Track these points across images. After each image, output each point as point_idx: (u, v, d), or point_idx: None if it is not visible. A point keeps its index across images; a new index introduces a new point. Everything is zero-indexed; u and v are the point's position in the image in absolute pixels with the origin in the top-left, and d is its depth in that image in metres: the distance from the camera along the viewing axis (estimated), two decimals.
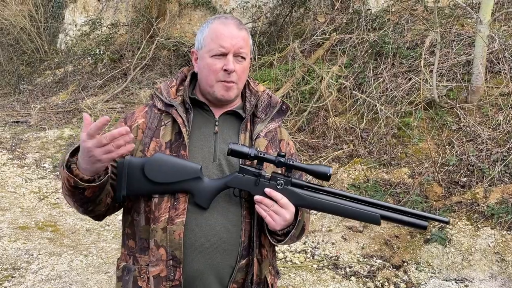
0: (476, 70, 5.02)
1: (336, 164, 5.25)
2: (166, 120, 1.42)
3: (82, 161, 1.23)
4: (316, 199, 1.35)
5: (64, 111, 8.51)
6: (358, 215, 1.35)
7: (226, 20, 1.42)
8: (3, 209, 4.93)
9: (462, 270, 3.68)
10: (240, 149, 1.32)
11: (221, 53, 1.38)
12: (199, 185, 1.33)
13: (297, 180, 1.37)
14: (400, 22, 6.68)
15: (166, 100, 1.42)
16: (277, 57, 7.16)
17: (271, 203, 1.32)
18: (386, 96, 5.66)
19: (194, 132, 1.42)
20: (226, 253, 1.37)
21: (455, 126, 4.99)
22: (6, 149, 7.00)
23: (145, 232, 1.37)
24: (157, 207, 1.35)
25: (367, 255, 4.07)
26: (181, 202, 1.35)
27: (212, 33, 1.40)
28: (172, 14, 9.72)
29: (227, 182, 1.35)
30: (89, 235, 4.51)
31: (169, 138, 1.39)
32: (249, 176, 1.35)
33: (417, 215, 1.35)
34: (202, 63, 1.42)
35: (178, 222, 1.33)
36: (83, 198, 1.30)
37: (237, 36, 1.39)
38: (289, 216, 1.33)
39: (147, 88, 8.50)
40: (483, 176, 4.33)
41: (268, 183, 1.34)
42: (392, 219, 1.36)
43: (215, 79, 1.40)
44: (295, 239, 1.40)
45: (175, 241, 1.32)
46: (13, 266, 3.72)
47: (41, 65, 11.08)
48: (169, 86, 1.46)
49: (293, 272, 3.87)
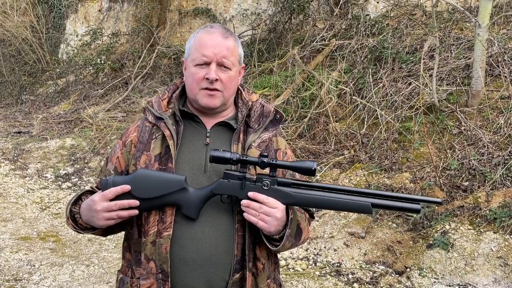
0: (476, 73, 5.02)
1: (337, 170, 5.24)
2: (157, 133, 1.42)
3: (85, 215, 1.36)
4: (305, 195, 1.33)
5: (65, 121, 8.54)
6: (349, 206, 1.33)
7: (211, 29, 1.41)
8: (5, 220, 4.93)
9: (465, 275, 3.66)
10: (222, 155, 1.31)
11: (204, 62, 1.38)
12: (185, 196, 1.32)
13: (282, 179, 1.36)
14: (399, 27, 6.69)
15: (156, 113, 1.43)
16: (277, 63, 7.18)
17: (258, 205, 1.30)
18: (386, 101, 5.66)
19: (185, 144, 1.41)
20: (219, 267, 1.35)
21: (456, 130, 4.98)
22: (8, 160, 7.03)
23: (138, 245, 1.38)
24: (146, 220, 1.35)
25: (370, 261, 4.05)
26: (168, 215, 1.34)
27: (196, 42, 1.40)
28: (172, 22, 9.77)
29: (212, 189, 1.34)
30: (90, 245, 4.51)
31: (159, 151, 1.39)
32: (234, 180, 1.33)
33: (409, 199, 1.33)
34: (187, 72, 1.43)
35: (165, 235, 1.33)
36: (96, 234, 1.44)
37: (221, 45, 1.38)
38: (279, 215, 1.30)
39: (148, 96, 8.53)
40: (484, 180, 4.32)
41: (254, 185, 1.33)
42: (383, 206, 1.35)
43: (198, 88, 1.39)
44: (293, 240, 1.37)
45: (163, 255, 1.32)
46: (15, 277, 3.72)
47: (43, 76, 11.14)
48: (160, 99, 1.47)
49: (295, 280, 3.85)
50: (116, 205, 1.28)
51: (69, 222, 1.41)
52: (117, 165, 1.46)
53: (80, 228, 1.41)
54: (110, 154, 1.51)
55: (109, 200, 1.30)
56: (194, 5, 9.76)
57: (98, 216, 1.30)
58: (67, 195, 5.80)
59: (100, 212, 1.29)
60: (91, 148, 7.05)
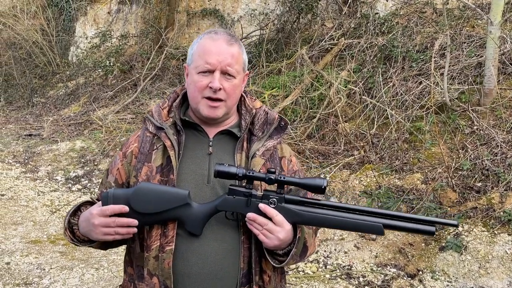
0: (488, 72, 4.93)
1: (347, 171, 5.18)
2: (158, 144, 1.38)
3: (82, 226, 1.34)
4: (313, 215, 1.28)
5: (76, 123, 8.60)
6: (360, 227, 1.29)
7: (215, 35, 1.36)
8: (16, 223, 4.97)
9: (479, 278, 3.58)
10: (227, 170, 1.26)
11: (207, 70, 1.33)
12: (188, 212, 1.28)
13: (290, 196, 1.30)
14: (409, 25, 6.60)
15: (157, 123, 1.39)
16: (285, 64, 7.13)
17: (264, 222, 1.25)
18: (397, 101, 5.58)
19: (187, 155, 1.37)
20: (225, 281, 1.31)
21: (468, 130, 4.90)
22: (19, 163, 7.09)
23: (141, 259, 1.35)
24: (149, 234, 1.32)
25: (381, 264, 3.99)
26: (170, 229, 1.30)
27: (200, 49, 1.36)
28: (181, 24, 9.78)
29: (217, 205, 1.29)
30: None
31: (160, 162, 1.36)
32: (239, 197, 1.28)
33: (423, 220, 1.28)
34: (190, 79, 1.39)
35: (167, 250, 1.29)
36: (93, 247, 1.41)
37: (225, 52, 1.33)
38: (282, 236, 1.26)
39: (157, 98, 8.54)
40: (498, 181, 4.23)
41: (260, 202, 1.28)
42: (396, 227, 1.30)
43: (201, 96, 1.35)
44: (297, 258, 1.33)
45: (165, 270, 1.29)
46: (25, 281, 3.73)
47: (53, 78, 11.24)
48: (160, 108, 1.43)
49: (305, 283, 3.81)
50: (114, 222, 1.26)
51: (66, 234, 1.38)
52: (117, 177, 1.42)
53: (77, 240, 1.38)
54: (110, 165, 1.47)
55: (107, 216, 1.27)
56: (202, 6, 9.76)
57: (95, 230, 1.27)
58: (77, 198, 5.82)
59: (98, 226, 1.26)
60: (101, 150, 7.08)
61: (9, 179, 6.40)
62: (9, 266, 3.96)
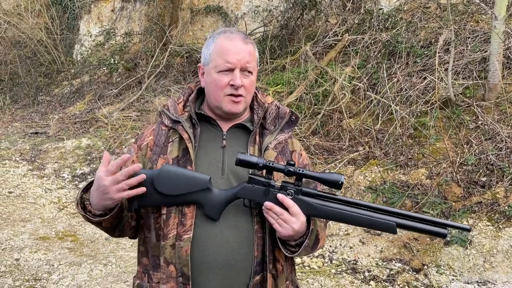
0: (493, 67, 4.93)
1: (352, 167, 5.20)
2: (173, 137, 1.43)
3: (95, 197, 1.32)
4: (329, 208, 1.32)
5: (81, 121, 8.65)
6: (373, 224, 1.31)
7: (231, 34, 1.41)
8: (24, 220, 5.02)
9: (484, 272, 3.60)
10: (249, 159, 1.31)
11: (228, 69, 1.38)
12: (209, 196, 1.33)
13: (307, 189, 1.34)
14: (413, 21, 6.59)
15: (173, 116, 1.44)
16: (289, 60, 7.14)
17: (281, 211, 1.30)
18: (401, 96, 5.59)
19: (202, 147, 1.42)
20: (239, 269, 1.35)
21: (472, 125, 4.90)
22: (26, 160, 7.15)
23: (156, 249, 1.38)
24: (165, 223, 1.35)
25: (386, 259, 4.02)
26: (188, 218, 1.34)
27: (218, 49, 1.40)
28: (184, 21, 9.80)
29: (236, 192, 1.34)
30: (108, 243, 4.57)
31: (176, 154, 1.40)
32: (258, 186, 1.33)
33: (436, 222, 1.30)
34: (209, 78, 1.42)
35: (185, 238, 1.33)
36: (104, 229, 1.40)
37: (243, 50, 1.39)
38: (297, 226, 1.30)
39: (161, 95, 8.57)
40: (503, 175, 4.24)
41: (278, 192, 1.33)
42: (409, 227, 1.31)
43: (223, 94, 1.40)
44: (309, 249, 1.37)
45: (183, 258, 1.32)
46: (35, 277, 3.78)
47: (58, 76, 11.29)
48: (176, 102, 1.48)
49: (311, 278, 3.85)
50: (121, 174, 1.26)
51: (79, 208, 1.38)
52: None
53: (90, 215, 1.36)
54: None
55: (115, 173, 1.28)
56: (205, 3, 9.77)
57: (108, 190, 1.27)
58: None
59: (110, 186, 1.26)
60: (107, 148, 7.13)
61: (16, 177, 6.46)
62: (18, 262, 4.02)
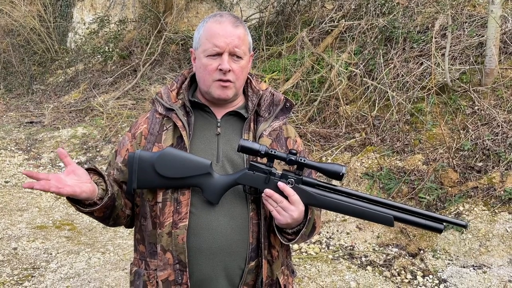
0: (489, 51, 4.91)
1: (348, 153, 5.21)
2: (167, 125, 1.42)
3: None
4: (328, 199, 1.32)
5: (76, 110, 8.60)
6: (371, 216, 1.32)
7: (221, 18, 1.38)
8: (21, 210, 5.02)
9: (479, 256, 3.64)
10: (250, 146, 1.31)
11: (216, 53, 1.36)
12: (209, 181, 1.33)
13: (308, 178, 1.34)
14: (410, 6, 6.54)
15: (166, 104, 1.42)
16: (285, 47, 7.10)
17: (280, 199, 1.30)
18: (398, 82, 5.57)
19: (196, 135, 1.41)
20: (234, 255, 1.36)
21: (469, 110, 4.90)
22: (21, 150, 7.11)
23: (153, 236, 1.38)
24: (161, 211, 1.35)
25: (383, 244, 4.05)
26: (183, 206, 1.34)
27: (206, 32, 1.38)
28: (179, 8, 9.70)
29: (237, 178, 1.34)
30: (105, 232, 4.57)
31: (171, 142, 1.39)
32: (259, 173, 1.33)
33: (433, 217, 1.30)
34: (198, 63, 1.41)
35: (181, 226, 1.33)
36: (97, 218, 1.39)
37: (232, 34, 1.35)
38: (296, 215, 1.30)
39: (157, 83, 8.52)
40: (499, 160, 4.26)
41: (279, 181, 1.33)
42: (406, 220, 1.32)
43: (211, 79, 1.38)
44: (306, 237, 1.38)
45: (179, 245, 1.33)
46: (33, 266, 3.79)
47: (52, 65, 11.19)
48: (169, 90, 1.46)
49: (308, 263, 3.87)
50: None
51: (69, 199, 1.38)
52: (126, 157, 1.45)
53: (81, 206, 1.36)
54: (118, 146, 1.50)
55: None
56: None
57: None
58: None
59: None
60: (103, 137, 7.10)
61: (12, 166, 6.44)
62: (16, 251, 4.02)
